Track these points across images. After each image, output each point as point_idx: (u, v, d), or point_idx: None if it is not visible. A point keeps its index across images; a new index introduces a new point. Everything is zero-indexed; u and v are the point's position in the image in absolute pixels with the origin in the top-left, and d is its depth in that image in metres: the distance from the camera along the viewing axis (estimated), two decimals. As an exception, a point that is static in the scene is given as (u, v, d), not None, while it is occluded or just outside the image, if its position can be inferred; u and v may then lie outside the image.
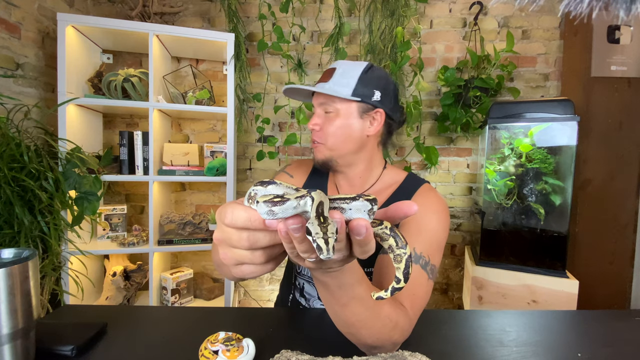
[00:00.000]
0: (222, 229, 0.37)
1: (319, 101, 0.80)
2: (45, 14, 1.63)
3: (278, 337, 0.64)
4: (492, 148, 1.68)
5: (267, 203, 0.33)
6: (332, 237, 0.31)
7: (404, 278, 0.37)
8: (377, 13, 1.86)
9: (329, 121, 0.79)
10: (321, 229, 0.31)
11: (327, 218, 0.32)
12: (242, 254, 0.37)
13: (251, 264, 0.37)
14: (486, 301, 1.61)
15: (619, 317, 0.75)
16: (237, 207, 0.35)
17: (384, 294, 0.37)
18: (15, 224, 1.24)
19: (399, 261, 0.37)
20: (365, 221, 0.33)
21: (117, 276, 1.70)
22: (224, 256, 0.38)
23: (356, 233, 0.33)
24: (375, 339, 0.53)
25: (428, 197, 0.78)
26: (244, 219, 0.35)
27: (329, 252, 0.30)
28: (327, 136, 0.79)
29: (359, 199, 0.35)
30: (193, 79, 1.99)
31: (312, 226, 0.31)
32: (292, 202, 0.33)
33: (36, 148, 1.38)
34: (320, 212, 0.32)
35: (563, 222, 1.55)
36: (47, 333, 0.59)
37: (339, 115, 0.78)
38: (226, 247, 0.37)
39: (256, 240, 0.36)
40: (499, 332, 0.68)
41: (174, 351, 0.59)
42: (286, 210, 0.33)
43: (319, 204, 0.33)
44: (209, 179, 1.77)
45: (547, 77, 1.98)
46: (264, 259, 0.37)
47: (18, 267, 0.48)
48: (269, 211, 0.33)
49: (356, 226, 0.33)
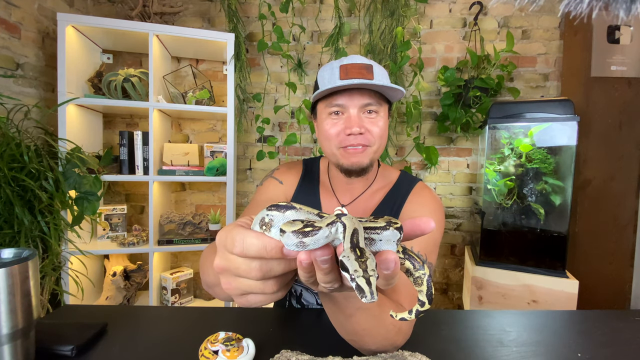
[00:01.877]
0: (228, 257, 0.33)
1: (363, 102, 0.71)
2: (45, 14, 1.63)
3: (278, 337, 0.64)
4: (492, 148, 1.68)
5: (297, 234, 0.28)
6: (373, 275, 0.27)
7: (427, 300, 0.34)
8: (377, 13, 1.86)
9: (374, 122, 0.72)
10: (360, 265, 0.27)
11: (365, 251, 0.28)
12: (251, 284, 0.33)
13: (260, 293, 0.33)
14: (486, 301, 1.61)
15: (619, 317, 0.75)
16: (249, 235, 0.31)
17: (407, 315, 0.35)
18: (15, 224, 1.24)
19: (420, 284, 0.34)
20: (394, 254, 0.30)
21: (117, 276, 1.70)
22: (227, 286, 0.34)
23: (384, 268, 0.30)
24: (379, 345, 0.54)
25: (423, 195, 0.78)
26: (258, 247, 0.31)
27: (372, 295, 0.26)
28: (375, 138, 0.73)
29: (389, 228, 0.31)
30: (193, 79, 1.99)
31: (349, 261, 0.27)
32: (324, 230, 0.29)
33: (36, 148, 1.38)
34: (356, 244, 0.28)
35: (563, 222, 1.55)
36: (47, 333, 0.59)
37: (381, 115, 0.74)
38: (230, 276, 0.33)
39: (269, 270, 0.32)
40: (499, 332, 0.68)
41: (174, 351, 0.59)
42: (318, 240, 0.29)
43: (353, 232, 0.29)
44: (209, 179, 1.77)
45: (547, 77, 1.98)
46: (276, 288, 0.33)
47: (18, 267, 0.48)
48: (300, 243, 0.29)
49: (385, 260, 0.29)
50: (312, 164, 0.89)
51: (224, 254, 0.33)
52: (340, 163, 0.75)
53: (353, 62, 0.71)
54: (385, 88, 0.70)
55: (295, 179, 0.86)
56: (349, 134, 0.71)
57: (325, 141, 0.76)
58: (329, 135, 0.74)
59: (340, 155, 0.74)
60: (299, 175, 0.87)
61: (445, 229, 2.09)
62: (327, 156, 0.80)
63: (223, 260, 0.33)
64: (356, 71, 0.70)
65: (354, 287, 0.27)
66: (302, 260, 0.29)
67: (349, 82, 0.66)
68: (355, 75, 0.69)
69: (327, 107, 0.73)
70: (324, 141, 0.77)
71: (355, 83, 0.66)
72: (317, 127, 0.80)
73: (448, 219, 2.09)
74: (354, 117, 0.71)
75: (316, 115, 0.79)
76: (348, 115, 0.72)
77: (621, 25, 1.68)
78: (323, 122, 0.75)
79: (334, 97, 0.72)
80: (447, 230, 2.09)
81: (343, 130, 0.72)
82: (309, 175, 0.87)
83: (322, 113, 0.75)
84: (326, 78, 0.72)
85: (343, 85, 0.67)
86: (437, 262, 2.11)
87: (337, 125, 0.73)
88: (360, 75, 0.69)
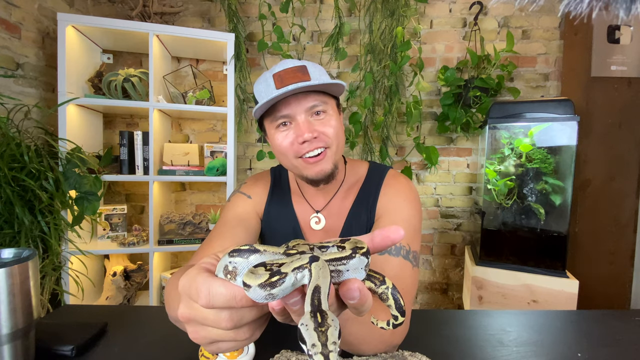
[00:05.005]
0: (192, 305, 0.29)
1: (308, 105, 0.67)
2: (45, 14, 1.63)
3: (278, 337, 0.64)
4: (492, 148, 1.68)
5: (263, 287, 0.26)
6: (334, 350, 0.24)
7: (399, 313, 0.33)
8: (377, 13, 1.86)
9: (325, 123, 0.69)
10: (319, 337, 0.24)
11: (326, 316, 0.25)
12: (221, 334, 0.29)
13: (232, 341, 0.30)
14: (486, 301, 1.61)
15: (619, 317, 0.75)
16: (214, 284, 0.28)
17: (385, 326, 0.34)
18: (16, 224, 1.24)
19: (385, 299, 0.33)
20: (357, 282, 0.28)
21: (117, 276, 1.70)
22: (195, 335, 0.30)
23: (349, 297, 0.27)
24: (376, 350, 0.54)
25: (395, 185, 0.76)
26: (226, 298, 0.27)
27: None
28: (331, 138, 0.69)
29: (355, 256, 0.29)
30: (193, 79, 1.99)
31: (307, 332, 0.24)
32: (290, 277, 0.26)
33: (36, 148, 1.38)
34: (317, 306, 0.25)
35: (563, 222, 1.55)
36: (47, 333, 0.59)
37: (330, 113, 0.70)
38: (197, 325, 0.30)
39: (240, 318, 0.29)
40: (499, 332, 0.68)
41: (174, 351, 0.59)
42: (286, 289, 0.26)
43: (315, 289, 0.26)
44: (209, 179, 1.77)
45: (547, 77, 1.98)
46: (249, 334, 0.30)
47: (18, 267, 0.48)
48: (268, 295, 0.26)
49: (347, 290, 0.27)
50: (280, 172, 0.85)
51: (188, 303, 0.30)
52: (304, 175, 0.71)
53: (285, 68, 0.67)
54: (324, 86, 0.67)
55: (264, 191, 0.82)
56: (302, 142, 0.67)
57: (281, 156, 0.72)
58: (283, 149, 0.69)
59: (301, 167, 0.71)
60: (267, 186, 0.83)
61: (445, 229, 2.09)
62: (289, 169, 0.76)
63: (188, 309, 0.30)
64: (290, 76, 0.66)
65: None
66: (274, 306, 0.27)
67: (285, 89, 0.63)
68: (291, 81, 0.65)
69: (273, 121, 0.69)
70: (280, 156, 0.72)
71: (292, 89, 0.63)
72: (270, 143, 0.75)
73: (448, 219, 2.09)
74: (303, 123, 0.67)
75: (265, 132, 0.75)
76: (296, 123, 0.68)
77: (621, 25, 1.68)
78: (273, 136, 0.71)
79: (276, 109, 0.68)
80: (447, 230, 2.09)
81: (295, 139, 0.68)
82: (278, 184, 0.83)
83: (270, 128, 0.71)
84: (262, 91, 0.68)
85: (280, 94, 0.63)
86: (437, 261, 2.12)
87: (288, 137, 0.69)
88: (295, 79, 0.65)
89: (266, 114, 0.70)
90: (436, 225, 2.10)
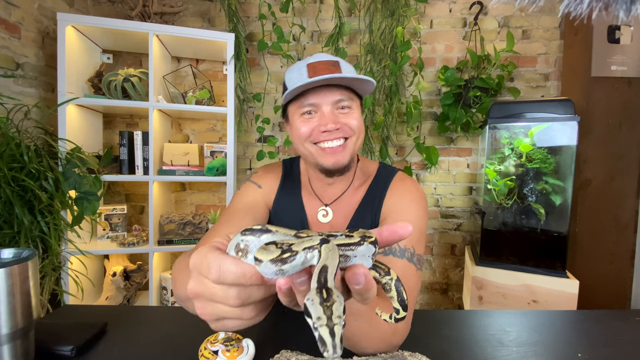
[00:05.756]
0: (202, 281, 0.30)
1: (335, 98, 0.70)
2: (45, 14, 1.63)
3: (278, 337, 0.64)
4: (492, 148, 1.68)
5: (275, 262, 0.26)
6: (339, 323, 0.24)
7: (401, 307, 0.33)
8: (377, 13, 1.86)
9: (349, 116, 0.71)
10: (324, 311, 0.24)
11: (332, 293, 0.25)
12: (228, 311, 0.30)
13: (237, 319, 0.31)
14: (486, 301, 1.61)
15: (619, 317, 0.75)
16: (225, 261, 0.29)
17: (388, 319, 0.34)
18: (15, 224, 1.24)
19: (388, 290, 0.33)
20: (364, 268, 0.28)
21: (117, 276, 1.70)
22: (202, 311, 0.31)
23: (354, 282, 0.28)
24: (376, 348, 0.54)
25: (402, 187, 0.77)
26: (236, 275, 0.28)
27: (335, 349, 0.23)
28: (354, 130, 0.72)
29: (363, 243, 0.29)
30: (193, 79, 1.99)
31: (313, 306, 0.25)
32: (301, 256, 0.27)
33: (36, 148, 1.38)
34: (323, 283, 0.26)
35: (563, 222, 1.55)
36: (47, 333, 0.59)
37: (355, 109, 0.73)
38: (205, 301, 0.31)
39: (248, 296, 0.29)
40: (499, 332, 0.68)
41: (174, 351, 0.59)
42: (296, 266, 0.27)
43: (322, 269, 0.26)
44: (209, 179, 1.77)
45: (547, 77, 1.98)
46: (255, 313, 0.31)
47: (18, 267, 0.48)
48: (279, 271, 0.27)
49: (353, 275, 0.27)
50: (291, 165, 0.86)
51: (198, 279, 0.31)
52: (319, 163, 0.73)
53: (319, 60, 0.71)
54: (355, 80, 0.69)
55: (275, 182, 0.83)
56: (323, 130, 0.69)
57: (299, 141, 0.74)
58: (303, 134, 0.72)
59: (317, 155, 0.73)
60: (278, 177, 0.84)
61: (445, 229, 2.09)
62: (304, 158, 0.78)
63: (198, 285, 0.31)
64: (324, 67, 0.69)
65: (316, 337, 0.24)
66: (282, 285, 0.27)
67: (318, 78, 0.65)
68: (324, 72, 0.68)
69: (299, 108, 0.72)
70: (297, 142, 0.74)
71: (325, 78, 0.65)
72: (290, 130, 0.77)
73: (448, 219, 2.09)
74: (328, 114, 0.70)
75: (288, 118, 0.77)
76: (321, 113, 0.70)
77: (621, 25, 1.68)
78: (295, 122, 0.73)
79: (304, 97, 0.70)
80: (447, 230, 2.09)
81: (317, 127, 0.70)
82: (289, 177, 0.84)
83: (294, 114, 0.73)
84: (294, 79, 0.70)
85: (313, 81, 0.65)
86: (437, 261, 2.12)
87: (310, 123, 0.71)
88: (328, 71, 0.68)
89: (293, 100, 0.73)
90: (436, 225, 2.10)
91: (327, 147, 0.71)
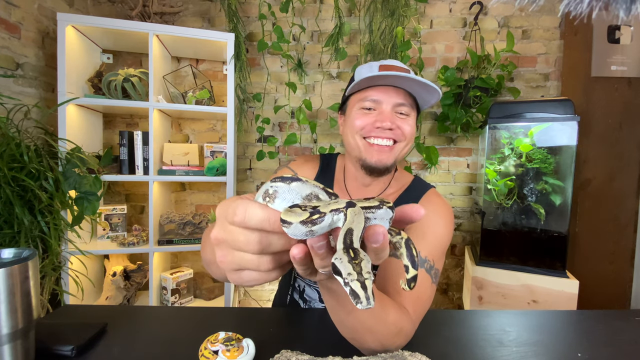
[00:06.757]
0: (226, 227, 0.32)
1: (398, 100, 0.72)
2: (45, 14, 1.63)
3: (278, 337, 0.64)
4: (492, 148, 1.68)
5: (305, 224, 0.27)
6: (369, 278, 0.25)
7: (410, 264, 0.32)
8: (377, 13, 1.86)
9: (405, 121, 0.74)
10: (354, 267, 0.25)
11: (359, 252, 0.26)
12: (247, 259, 0.31)
13: (255, 270, 0.32)
14: (486, 301, 1.61)
15: (619, 317, 0.75)
16: (251, 205, 0.30)
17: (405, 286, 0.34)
18: (15, 224, 1.24)
19: (398, 247, 0.33)
20: (383, 227, 0.29)
21: (117, 276, 1.70)
22: (222, 259, 0.33)
23: (373, 241, 0.29)
24: (379, 344, 0.54)
25: (434, 201, 0.77)
26: (260, 218, 0.30)
27: (368, 301, 0.24)
28: (406, 135, 0.74)
29: (382, 207, 0.31)
30: (193, 79, 1.99)
31: (342, 264, 0.25)
32: (328, 217, 0.27)
33: (36, 148, 1.38)
34: (349, 244, 0.26)
35: (563, 222, 1.55)
36: (47, 333, 0.59)
37: (411, 118, 0.75)
38: (227, 248, 0.32)
39: (269, 244, 0.30)
40: (499, 332, 0.68)
41: (174, 351, 0.59)
42: (323, 228, 0.27)
43: (347, 231, 0.27)
44: (209, 179, 1.77)
45: (547, 77, 1.98)
46: (272, 266, 0.32)
47: (18, 267, 0.48)
48: (309, 232, 0.27)
49: (373, 234, 0.29)
50: (329, 161, 0.87)
51: (223, 225, 0.32)
52: (363, 158, 0.74)
53: (392, 64, 0.74)
54: (420, 88, 0.71)
55: (311, 174, 0.83)
56: (378, 127, 0.71)
57: (350, 132, 0.76)
58: (356, 125, 0.73)
59: (363, 149, 0.74)
60: (315, 170, 0.85)
61: (445, 229, 2.09)
62: (349, 151, 0.79)
63: (221, 232, 0.32)
64: (396, 69, 0.71)
65: (347, 292, 0.25)
66: (295, 254, 0.28)
67: (388, 72, 0.67)
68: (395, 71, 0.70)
69: (361, 101, 0.74)
70: (348, 132, 0.76)
71: (395, 74, 0.67)
72: (343, 122, 0.79)
73: (448, 219, 2.09)
74: (387, 113, 0.72)
75: (345, 110, 0.79)
76: (380, 110, 0.72)
77: (621, 25, 1.68)
78: (352, 113, 0.75)
79: (369, 91, 0.73)
80: (447, 230, 2.09)
81: (372, 123, 0.72)
82: (325, 172, 0.85)
83: (354, 106, 0.75)
84: (364, 73, 0.72)
85: (382, 74, 0.67)
86: (437, 262, 2.11)
87: (366, 118, 0.73)
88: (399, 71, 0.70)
89: (357, 92, 0.75)
90: (436, 225, 2.09)
91: (376, 143, 0.73)
